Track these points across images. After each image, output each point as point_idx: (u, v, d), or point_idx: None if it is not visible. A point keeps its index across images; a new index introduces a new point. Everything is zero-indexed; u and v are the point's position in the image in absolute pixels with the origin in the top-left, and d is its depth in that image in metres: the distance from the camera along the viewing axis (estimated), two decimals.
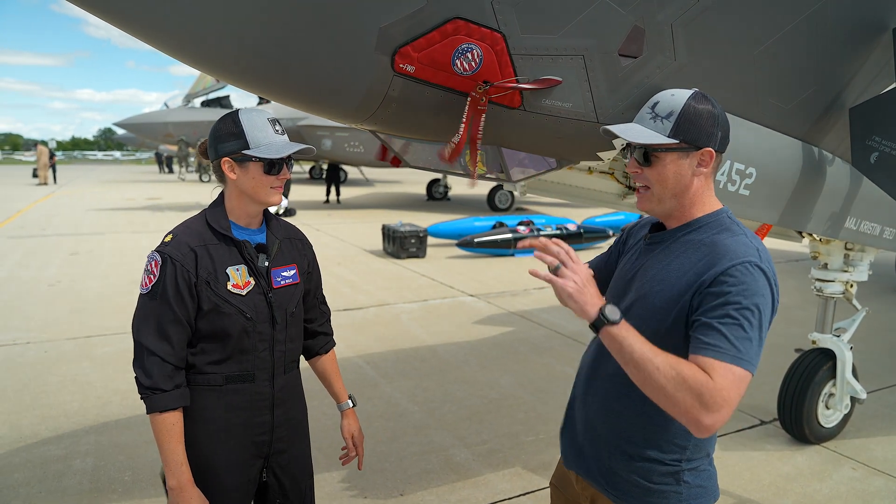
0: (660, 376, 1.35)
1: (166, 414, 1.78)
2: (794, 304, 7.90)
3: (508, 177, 2.76)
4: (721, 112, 1.58)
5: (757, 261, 1.45)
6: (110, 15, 1.91)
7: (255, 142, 1.79)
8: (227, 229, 1.88)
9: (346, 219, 16.47)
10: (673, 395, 1.34)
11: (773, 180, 2.77)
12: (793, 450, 4.09)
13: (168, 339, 1.79)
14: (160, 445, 1.80)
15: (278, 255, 1.98)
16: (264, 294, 1.91)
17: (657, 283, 1.57)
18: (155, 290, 1.79)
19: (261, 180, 1.83)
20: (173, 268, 1.79)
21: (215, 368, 1.87)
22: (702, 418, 1.33)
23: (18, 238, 12.17)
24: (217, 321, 1.83)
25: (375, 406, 4.64)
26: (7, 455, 3.82)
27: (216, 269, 1.83)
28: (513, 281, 9.13)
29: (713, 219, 1.59)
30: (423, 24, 2.05)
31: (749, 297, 1.40)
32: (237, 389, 1.90)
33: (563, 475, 1.90)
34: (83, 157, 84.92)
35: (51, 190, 24.82)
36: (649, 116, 1.58)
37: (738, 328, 1.39)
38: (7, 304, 7.27)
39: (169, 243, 1.82)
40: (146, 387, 1.78)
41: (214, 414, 1.88)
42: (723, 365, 1.36)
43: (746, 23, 2.47)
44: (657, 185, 1.58)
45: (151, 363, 1.77)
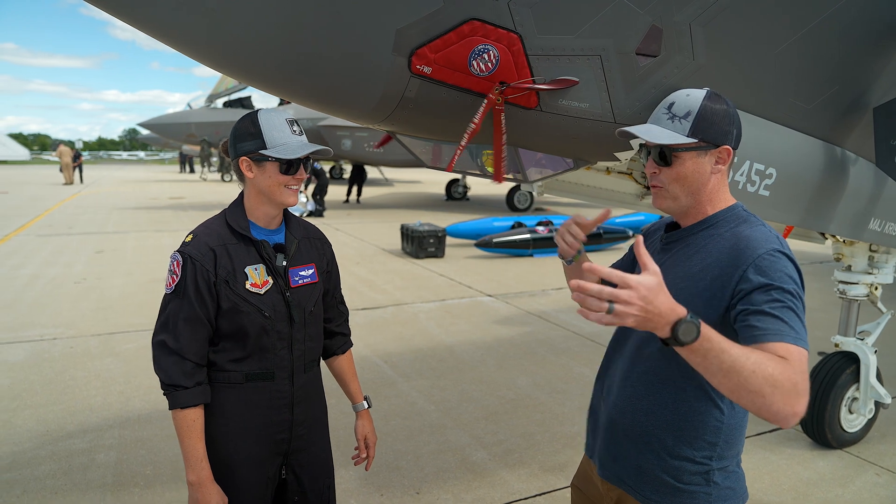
0: (756, 379, 1.24)
1: (187, 410, 1.82)
2: (817, 307, 7.78)
3: (525, 177, 2.76)
4: (734, 110, 1.58)
5: (780, 247, 1.46)
6: (134, 19, 1.95)
7: (272, 142, 1.81)
8: (246, 229, 1.90)
9: (365, 218, 16.55)
10: (770, 395, 1.24)
11: (794, 181, 2.74)
12: (814, 454, 4.04)
13: (189, 337, 1.82)
14: (181, 441, 1.83)
15: (297, 254, 1.99)
16: (282, 293, 1.92)
17: (681, 280, 1.56)
18: (178, 290, 1.82)
19: (277, 180, 1.84)
20: (193, 267, 1.82)
21: (236, 366, 1.90)
22: (796, 406, 1.27)
23: (46, 236, 12.43)
24: (236, 320, 1.86)
25: (392, 405, 4.66)
26: (34, 447, 3.91)
27: (235, 269, 1.86)
28: (531, 281, 9.11)
29: (729, 213, 1.59)
30: (439, 26, 2.07)
31: (787, 281, 1.41)
32: (257, 387, 1.92)
33: (585, 476, 1.88)
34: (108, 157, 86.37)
35: (77, 189, 25.28)
36: (666, 117, 1.58)
37: (788, 311, 1.37)
38: (35, 301, 7.43)
39: (189, 243, 1.86)
40: (168, 384, 1.81)
41: (234, 411, 1.91)
42: (793, 347, 1.32)
43: (767, 22, 2.45)
44: (675, 183, 1.59)
45: (173, 361, 1.81)
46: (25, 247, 11.14)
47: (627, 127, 1.63)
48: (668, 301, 1.24)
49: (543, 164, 2.78)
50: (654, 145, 1.59)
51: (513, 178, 2.81)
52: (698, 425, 1.56)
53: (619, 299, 1.20)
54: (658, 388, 1.59)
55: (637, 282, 1.21)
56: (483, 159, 2.74)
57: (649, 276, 1.23)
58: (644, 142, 1.63)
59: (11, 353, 5.60)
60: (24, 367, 5.27)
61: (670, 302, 1.24)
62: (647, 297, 1.21)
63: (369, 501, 3.40)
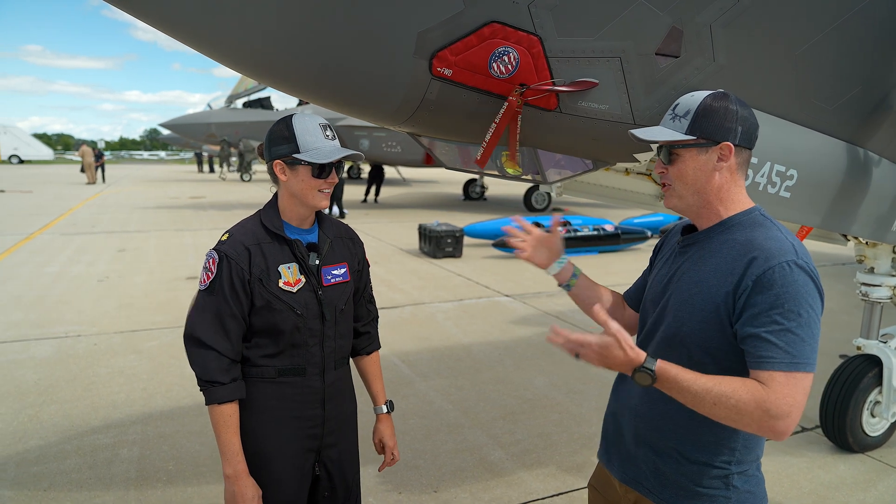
0: (719, 410, 1.39)
1: (224, 406, 1.86)
2: (839, 309, 7.68)
3: (544, 178, 2.77)
4: (742, 109, 1.56)
5: (794, 258, 1.44)
6: (160, 21, 1.99)
7: (305, 146, 1.85)
8: (280, 229, 1.94)
9: (383, 218, 16.62)
10: (740, 420, 1.40)
11: (816, 182, 2.72)
12: (835, 458, 4.00)
13: (225, 334, 1.86)
14: (217, 436, 1.87)
15: (329, 253, 2.03)
16: (314, 291, 1.96)
17: (695, 285, 1.57)
18: (212, 286, 1.87)
19: (309, 183, 1.88)
20: (229, 265, 1.86)
21: (268, 362, 1.94)
22: (774, 427, 1.39)
23: (70, 235, 12.64)
24: (269, 317, 1.90)
25: (410, 404, 4.69)
26: (60, 442, 4.00)
27: (269, 267, 1.90)
28: (548, 281, 9.08)
29: (746, 217, 1.58)
30: (460, 28, 2.09)
31: (793, 298, 1.41)
32: (289, 382, 1.97)
33: (602, 477, 1.89)
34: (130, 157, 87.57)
35: (99, 189, 25.66)
36: (670, 117, 1.61)
37: (787, 333, 1.40)
38: (60, 299, 7.57)
39: (225, 242, 1.91)
40: (205, 380, 1.85)
41: (267, 405, 1.95)
42: (781, 374, 1.39)
43: (788, 22, 2.43)
44: (678, 181, 1.61)
45: (209, 357, 1.85)
46: (50, 245, 11.34)
47: (635, 130, 1.66)
48: (622, 355, 1.42)
49: (562, 165, 2.79)
50: (658, 144, 1.61)
51: (531, 178, 2.82)
52: (717, 430, 1.57)
53: (582, 354, 1.46)
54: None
55: (594, 342, 1.43)
56: (502, 160, 2.75)
57: (605, 337, 1.43)
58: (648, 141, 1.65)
59: (38, 350, 5.72)
60: (50, 364, 5.38)
61: (626, 356, 1.42)
62: (603, 354, 1.43)
63: (387, 499, 3.43)
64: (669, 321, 1.62)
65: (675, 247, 1.73)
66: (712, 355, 1.54)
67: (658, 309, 1.69)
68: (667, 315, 1.64)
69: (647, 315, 1.76)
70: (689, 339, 1.56)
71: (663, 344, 1.64)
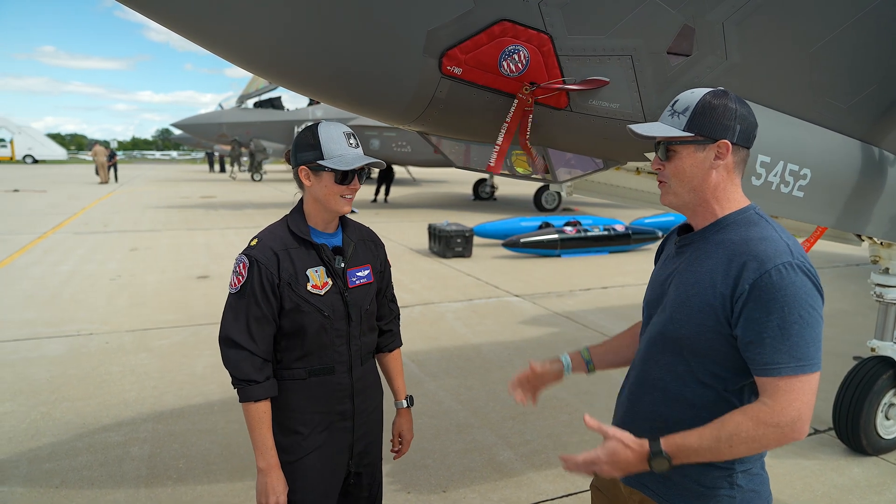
0: (739, 446, 1.43)
1: (259, 403, 1.93)
2: (853, 310, 7.61)
3: (554, 177, 2.76)
4: (741, 108, 1.55)
5: (790, 259, 1.43)
6: (168, 20, 2.00)
7: (329, 153, 1.91)
8: (307, 234, 2.01)
9: (393, 218, 16.64)
10: (760, 445, 1.43)
11: (830, 182, 2.69)
12: (849, 461, 3.95)
13: (256, 335, 1.93)
14: (252, 432, 1.95)
15: (353, 256, 2.10)
16: (341, 293, 2.03)
17: (691, 287, 1.56)
18: (244, 290, 1.93)
19: (332, 189, 1.95)
20: (258, 270, 1.92)
21: (299, 364, 2.01)
22: (791, 435, 1.42)
23: (83, 234, 12.75)
24: (297, 319, 1.97)
25: (420, 403, 4.69)
26: (72, 439, 4.03)
27: (297, 272, 1.96)
28: (558, 282, 9.07)
29: (741, 216, 1.57)
30: (470, 27, 2.08)
31: (791, 301, 1.40)
32: (319, 382, 2.04)
33: (606, 478, 1.87)
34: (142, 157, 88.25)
35: (112, 188, 25.86)
36: (668, 114, 1.61)
37: (790, 338, 1.40)
38: (72, 297, 7.63)
39: (255, 247, 1.97)
40: (240, 378, 1.92)
41: (300, 405, 2.02)
42: (784, 380, 1.41)
43: (801, 20, 2.41)
44: (674, 178, 1.60)
45: (242, 357, 1.92)
46: (63, 244, 11.45)
47: (633, 125, 1.65)
48: (631, 454, 1.47)
49: (573, 164, 2.78)
50: (656, 140, 1.61)
51: (542, 178, 2.81)
52: None
53: (596, 470, 1.50)
54: (676, 395, 1.59)
55: (601, 455, 1.49)
56: (513, 159, 2.74)
57: (608, 444, 1.49)
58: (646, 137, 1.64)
59: (51, 348, 5.77)
60: (63, 362, 5.43)
61: (634, 451, 1.47)
62: (614, 461, 1.48)
63: (397, 499, 3.43)
64: (666, 322, 1.62)
65: (673, 248, 1.72)
66: (709, 357, 1.53)
67: (657, 311, 1.69)
68: (664, 316, 1.63)
69: (646, 316, 1.76)
70: (685, 342, 1.56)
71: (661, 347, 1.64)
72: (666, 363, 1.62)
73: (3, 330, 6.27)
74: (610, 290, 8.65)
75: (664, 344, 1.62)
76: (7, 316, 6.77)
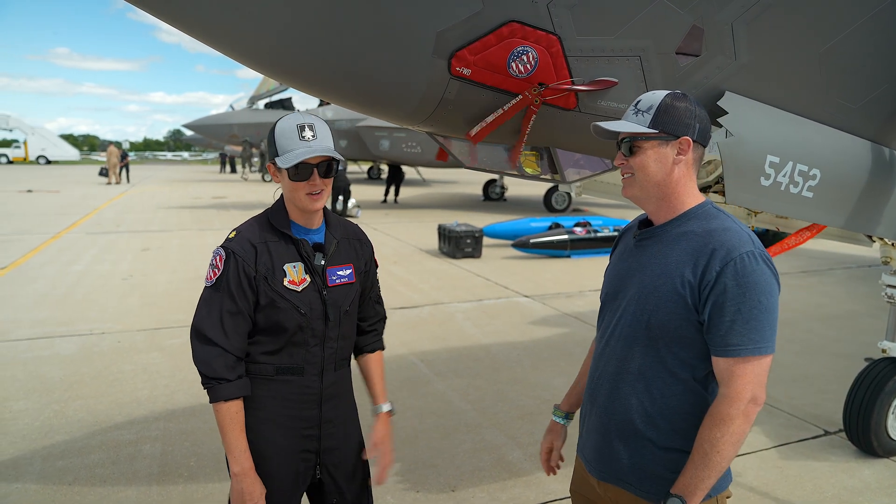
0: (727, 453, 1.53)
1: (230, 403, 1.85)
2: (864, 312, 7.55)
3: (563, 177, 2.76)
4: (699, 109, 1.66)
5: (752, 249, 1.54)
6: (178, 21, 2.02)
7: (282, 149, 1.84)
8: (287, 228, 1.94)
9: (403, 218, 16.66)
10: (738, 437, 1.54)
11: (840, 182, 2.68)
12: (859, 462, 3.93)
13: (229, 330, 1.85)
14: (223, 433, 1.87)
15: (335, 254, 2.02)
16: (319, 291, 1.95)
17: (658, 277, 1.64)
18: (219, 283, 1.86)
19: (293, 186, 1.87)
20: (235, 262, 1.86)
21: (268, 359, 1.93)
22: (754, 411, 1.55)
23: (95, 234, 12.86)
24: (273, 315, 1.89)
25: (428, 403, 4.70)
26: (85, 437, 4.07)
27: (274, 266, 1.89)
28: (568, 282, 9.06)
29: (700, 210, 1.67)
30: (479, 28, 2.09)
31: (753, 287, 1.51)
32: (287, 381, 1.95)
33: (582, 480, 1.92)
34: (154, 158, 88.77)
35: (124, 189, 26.06)
36: (633, 112, 1.69)
37: (748, 321, 1.51)
38: (85, 297, 7.71)
39: (232, 239, 1.90)
40: (210, 377, 1.84)
41: (265, 403, 1.94)
42: (741, 362, 1.52)
43: (811, 20, 2.41)
44: (639, 171, 1.67)
45: (214, 353, 1.84)
46: (76, 244, 11.55)
47: (600, 122, 1.73)
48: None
49: (582, 164, 2.78)
50: (622, 136, 1.68)
51: (550, 178, 2.82)
52: (688, 417, 1.63)
53: None
54: (646, 385, 1.66)
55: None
56: (521, 159, 2.75)
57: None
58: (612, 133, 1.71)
59: (64, 347, 5.83)
60: (75, 360, 5.48)
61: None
62: None
63: (405, 499, 3.45)
64: (634, 314, 1.67)
65: (632, 241, 1.78)
66: (679, 344, 1.61)
67: (620, 304, 1.74)
68: (630, 309, 1.69)
69: (607, 312, 1.82)
70: (656, 331, 1.63)
71: (629, 339, 1.68)
72: (638, 354, 1.67)
73: (17, 329, 6.35)
74: None
75: (634, 336, 1.67)
76: (21, 315, 6.84)
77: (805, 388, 5.11)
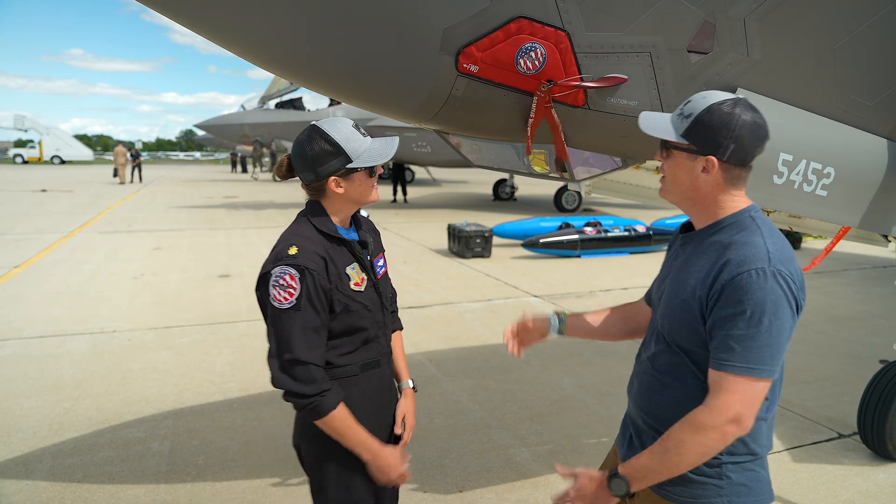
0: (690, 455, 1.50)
1: (338, 409, 1.87)
2: (878, 313, 7.45)
3: (572, 176, 2.73)
4: (744, 128, 1.51)
5: (765, 265, 1.45)
6: (189, 20, 2.02)
7: (355, 153, 1.90)
8: (336, 231, 1.96)
9: (413, 218, 16.66)
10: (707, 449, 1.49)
11: (855, 181, 2.64)
12: (874, 466, 3.87)
13: (316, 346, 1.87)
14: (345, 435, 1.90)
15: (372, 247, 2.10)
16: (374, 286, 2.03)
17: (679, 285, 1.61)
18: (299, 303, 1.82)
19: (366, 184, 1.96)
20: (312, 278, 1.83)
21: (348, 360, 1.98)
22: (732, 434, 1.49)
23: (107, 233, 12.95)
24: (347, 319, 1.94)
25: (437, 403, 4.69)
26: (94, 435, 4.09)
27: (339, 272, 1.92)
28: (578, 282, 9.01)
29: (735, 219, 1.58)
30: (486, 24, 2.07)
31: (756, 305, 1.43)
32: (369, 376, 2.04)
33: (611, 465, 1.92)
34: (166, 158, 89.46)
35: (136, 188, 26.24)
36: (677, 114, 1.61)
37: (744, 339, 1.44)
38: (96, 295, 7.75)
39: (298, 255, 1.85)
40: (314, 394, 1.83)
41: (355, 402, 1.96)
42: (732, 377, 1.46)
43: (826, 15, 2.36)
44: (669, 177, 1.64)
45: (310, 371, 1.83)
46: (88, 243, 11.64)
47: (646, 113, 1.67)
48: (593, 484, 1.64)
49: (591, 162, 2.75)
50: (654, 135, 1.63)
51: (559, 176, 2.79)
52: None
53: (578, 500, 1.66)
54: (669, 384, 1.65)
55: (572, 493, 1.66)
56: (530, 158, 2.72)
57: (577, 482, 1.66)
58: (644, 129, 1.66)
59: (75, 345, 5.87)
60: (86, 358, 5.51)
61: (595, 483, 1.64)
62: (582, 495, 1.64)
63: (413, 499, 3.43)
64: (662, 316, 1.67)
65: (678, 244, 1.76)
66: (690, 352, 1.59)
67: (655, 305, 1.76)
68: (659, 311, 1.70)
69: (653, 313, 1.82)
70: (675, 336, 1.61)
71: (657, 340, 1.69)
72: (663, 355, 1.67)
73: (30, 326, 6.40)
74: (630, 290, 8.57)
75: (660, 338, 1.68)
76: (33, 313, 6.90)
77: (818, 390, 5.04)
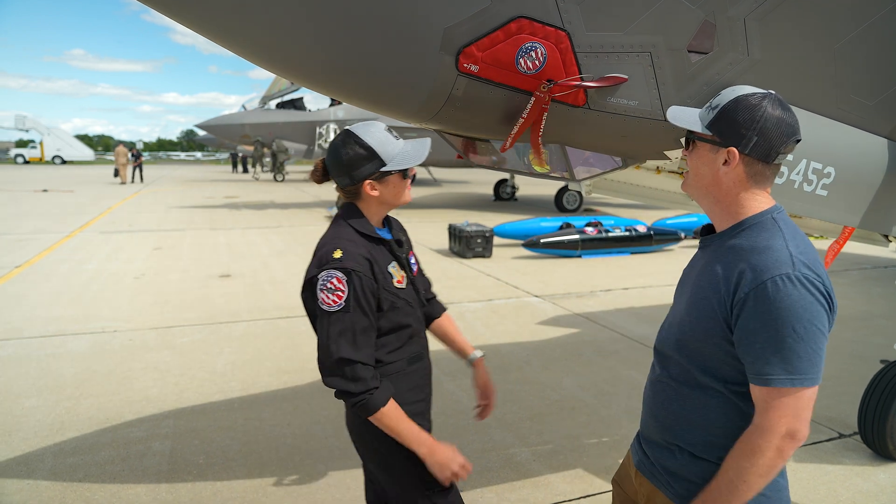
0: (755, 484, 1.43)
1: (389, 404, 1.91)
2: (880, 313, 7.45)
3: (573, 176, 2.74)
4: (770, 118, 1.49)
5: (788, 271, 1.40)
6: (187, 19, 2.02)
7: (389, 156, 1.96)
8: (374, 232, 2.02)
9: (413, 218, 16.66)
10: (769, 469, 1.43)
11: (855, 180, 2.64)
12: (874, 466, 3.87)
13: (364, 346, 1.90)
14: (398, 431, 1.92)
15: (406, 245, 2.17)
16: (412, 282, 2.10)
17: (701, 290, 1.56)
18: (348, 305, 1.87)
19: (401, 186, 2.03)
20: (359, 279, 1.88)
21: (396, 356, 2.04)
22: (792, 447, 1.43)
23: (108, 233, 12.96)
24: (394, 317, 2.00)
25: (437, 402, 4.63)
26: (95, 434, 4.09)
27: (383, 272, 1.98)
28: (579, 282, 9.01)
29: (757, 220, 1.53)
30: (486, 24, 2.07)
31: (785, 314, 1.38)
32: (415, 370, 2.11)
33: (624, 472, 1.91)
34: (167, 158, 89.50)
35: (137, 188, 26.26)
36: (707, 105, 1.60)
37: (780, 350, 1.40)
38: (97, 295, 7.76)
39: (344, 258, 1.89)
40: (363, 391, 1.86)
41: (405, 397, 2.03)
42: (774, 392, 1.41)
43: (826, 15, 2.37)
44: (691, 170, 1.61)
45: (359, 370, 1.87)
46: (89, 243, 11.65)
47: (676, 107, 1.66)
48: None
49: (591, 162, 2.75)
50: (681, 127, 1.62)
51: (560, 176, 2.79)
52: (726, 432, 1.56)
53: None
54: (686, 393, 1.60)
55: None
56: (530, 158, 2.72)
57: None
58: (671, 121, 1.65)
59: (76, 344, 5.87)
60: (87, 358, 5.52)
61: None
62: None
63: None
64: (679, 324, 1.63)
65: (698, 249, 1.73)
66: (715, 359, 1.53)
67: (674, 310, 1.71)
68: (677, 318, 1.65)
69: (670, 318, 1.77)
70: (694, 344, 1.56)
71: (674, 347, 1.65)
72: (680, 363, 1.62)
73: (31, 326, 6.41)
74: (631, 291, 8.57)
75: (677, 345, 1.63)
76: (35, 312, 6.91)
77: (819, 390, 5.03)
